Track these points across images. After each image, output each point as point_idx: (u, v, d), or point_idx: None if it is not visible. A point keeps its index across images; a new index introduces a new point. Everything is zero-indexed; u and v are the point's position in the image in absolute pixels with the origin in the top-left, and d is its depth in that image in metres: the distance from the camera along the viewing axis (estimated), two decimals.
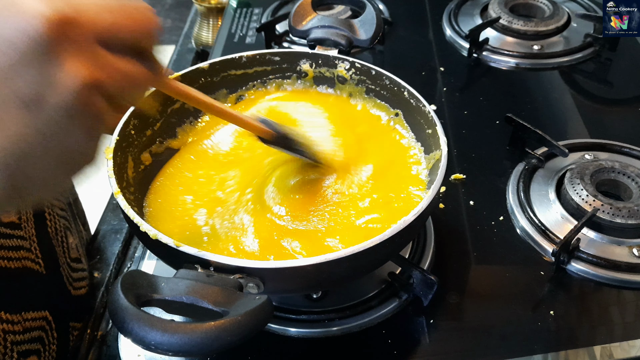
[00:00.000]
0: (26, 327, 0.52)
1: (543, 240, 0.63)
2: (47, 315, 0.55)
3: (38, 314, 0.54)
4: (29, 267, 0.53)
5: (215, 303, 0.38)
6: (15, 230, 0.52)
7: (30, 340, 0.52)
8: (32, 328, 0.53)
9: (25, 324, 0.52)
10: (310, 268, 0.42)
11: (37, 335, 0.53)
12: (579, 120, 0.82)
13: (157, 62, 0.36)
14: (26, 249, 0.53)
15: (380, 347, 0.55)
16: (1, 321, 0.48)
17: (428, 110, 0.57)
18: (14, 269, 0.51)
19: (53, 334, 0.56)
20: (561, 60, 0.93)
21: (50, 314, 0.56)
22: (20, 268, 0.52)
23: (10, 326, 0.49)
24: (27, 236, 0.54)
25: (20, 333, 0.51)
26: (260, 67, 0.67)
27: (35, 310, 0.54)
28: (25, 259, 0.53)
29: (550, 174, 0.71)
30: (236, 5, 1.11)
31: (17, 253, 0.51)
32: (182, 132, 0.64)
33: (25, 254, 0.53)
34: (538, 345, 0.55)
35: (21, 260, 0.52)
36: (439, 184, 0.49)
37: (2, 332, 0.48)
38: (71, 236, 0.66)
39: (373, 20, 0.67)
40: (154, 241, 0.43)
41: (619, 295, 0.59)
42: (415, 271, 0.56)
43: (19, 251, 0.52)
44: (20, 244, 0.52)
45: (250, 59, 0.66)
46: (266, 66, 0.67)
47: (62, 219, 0.64)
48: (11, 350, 0.49)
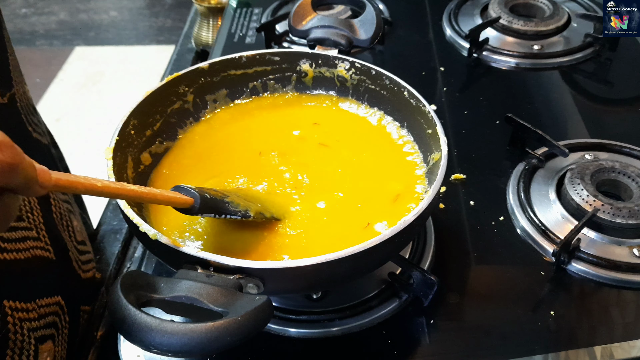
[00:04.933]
0: (41, 313, 0.52)
1: (543, 241, 0.63)
2: (59, 300, 0.56)
3: (51, 299, 0.55)
4: (39, 255, 0.54)
5: (215, 303, 0.38)
6: (19, 222, 0.52)
7: (46, 325, 0.53)
8: (46, 314, 0.53)
9: (40, 310, 0.52)
10: (310, 268, 0.42)
11: (52, 320, 0.54)
12: (579, 120, 0.82)
13: (27, 179, 0.31)
14: (33, 238, 0.54)
15: (381, 348, 0.55)
16: (17, 310, 0.49)
17: (428, 110, 0.57)
18: (24, 259, 0.51)
19: (65, 317, 0.57)
20: (561, 60, 0.93)
21: (62, 299, 0.56)
22: (30, 258, 0.52)
23: (26, 314, 0.50)
24: (32, 226, 0.54)
25: (35, 320, 0.51)
26: (260, 67, 0.67)
27: (48, 296, 0.54)
28: (35, 248, 0.53)
29: (551, 174, 0.71)
30: (236, 5, 1.11)
31: (24, 244, 0.52)
32: (182, 132, 0.64)
33: (34, 243, 0.53)
34: (538, 345, 0.55)
35: (30, 250, 0.52)
36: (439, 184, 0.49)
37: (18, 320, 0.49)
38: (75, 219, 0.66)
39: (373, 20, 0.67)
40: (154, 241, 0.43)
41: (620, 295, 0.59)
42: (416, 271, 0.56)
43: (26, 241, 0.52)
44: (26, 234, 0.53)
45: (250, 59, 0.66)
46: (266, 66, 0.67)
47: (65, 203, 0.64)
48: (28, 337, 0.50)
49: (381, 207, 0.55)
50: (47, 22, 2.84)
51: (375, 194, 0.57)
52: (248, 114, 0.67)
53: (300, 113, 0.67)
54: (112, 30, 2.80)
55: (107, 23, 2.85)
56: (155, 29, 2.80)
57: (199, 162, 0.61)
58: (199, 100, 0.65)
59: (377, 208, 0.55)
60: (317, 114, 0.67)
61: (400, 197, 0.56)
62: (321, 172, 0.59)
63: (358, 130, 0.65)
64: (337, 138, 0.63)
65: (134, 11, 2.94)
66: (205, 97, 0.66)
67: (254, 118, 0.67)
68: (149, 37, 2.76)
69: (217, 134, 0.65)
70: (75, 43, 2.71)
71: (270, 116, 0.67)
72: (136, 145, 0.58)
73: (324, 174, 0.59)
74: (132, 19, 2.89)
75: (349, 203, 0.56)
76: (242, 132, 0.65)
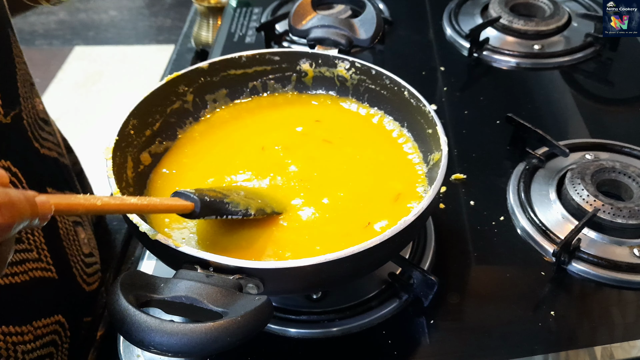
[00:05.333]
0: (37, 334, 0.52)
1: (544, 241, 0.63)
2: (60, 319, 0.55)
3: (50, 319, 0.54)
4: (39, 276, 0.53)
5: (215, 303, 0.38)
6: (18, 244, 0.51)
7: (43, 345, 0.52)
8: (44, 334, 0.53)
9: (37, 331, 0.52)
10: (310, 268, 0.42)
11: (50, 339, 0.53)
12: (580, 120, 0.82)
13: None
14: (33, 259, 0.53)
15: (381, 348, 0.55)
16: (11, 334, 0.48)
17: (428, 110, 0.57)
18: (21, 282, 0.50)
19: (67, 333, 0.56)
20: (562, 60, 0.92)
21: (63, 317, 0.56)
22: (29, 280, 0.51)
23: (21, 337, 0.49)
24: (32, 247, 0.53)
25: (31, 342, 0.50)
26: (260, 66, 0.67)
27: (47, 316, 0.54)
28: (35, 270, 0.53)
29: (551, 174, 0.71)
30: (236, 5, 1.11)
31: (22, 266, 0.51)
32: (182, 132, 0.64)
33: (33, 264, 0.53)
34: (539, 345, 0.54)
35: (28, 272, 0.52)
36: (439, 184, 0.49)
37: (11, 344, 0.48)
38: (83, 231, 0.66)
39: (373, 20, 0.67)
40: (154, 241, 0.43)
41: (620, 295, 0.59)
42: (416, 271, 0.56)
43: (25, 264, 0.51)
44: (25, 256, 0.52)
45: (250, 59, 0.66)
46: (266, 66, 0.67)
47: (70, 216, 0.64)
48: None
49: (382, 206, 0.55)
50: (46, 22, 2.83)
51: (375, 193, 0.57)
52: (248, 112, 0.67)
53: (301, 111, 0.67)
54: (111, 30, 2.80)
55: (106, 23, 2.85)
56: (155, 28, 2.80)
57: (199, 161, 0.61)
58: (198, 100, 0.65)
59: (377, 207, 0.55)
60: (318, 112, 0.67)
61: (401, 196, 0.56)
62: (326, 167, 0.59)
63: (359, 129, 0.65)
64: (340, 135, 0.63)
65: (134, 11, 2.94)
66: (205, 97, 0.66)
67: (254, 116, 0.67)
68: (149, 36, 2.76)
69: (217, 132, 0.65)
70: (74, 43, 2.71)
71: (271, 114, 0.67)
72: (136, 145, 0.58)
73: (328, 170, 0.59)
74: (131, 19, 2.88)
75: (351, 201, 0.56)
76: (243, 130, 0.65)
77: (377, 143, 0.63)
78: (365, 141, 0.63)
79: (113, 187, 0.48)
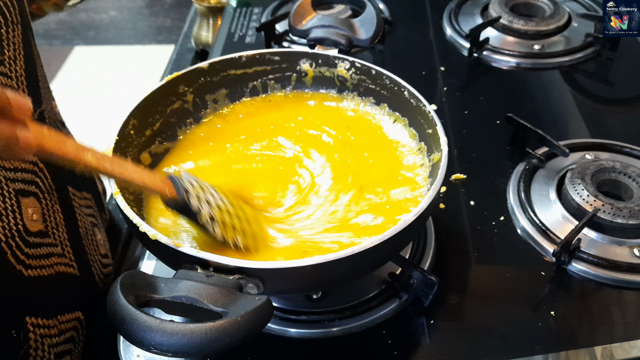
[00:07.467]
0: (61, 329, 0.53)
1: (544, 241, 0.63)
2: (79, 316, 0.56)
3: (72, 315, 0.55)
4: (62, 271, 0.54)
5: (215, 303, 0.38)
6: (44, 238, 0.52)
7: (65, 341, 0.53)
8: (66, 330, 0.54)
9: (61, 326, 0.53)
10: (310, 268, 0.42)
11: (70, 335, 0.54)
12: (580, 120, 0.82)
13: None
14: (58, 254, 0.54)
15: (381, 348, 0.55)
16: (39, 327, 0.49)
17: (428, 110, 0.57)
18: (47, 275, 0.51)
19: (83, 332, 0.57)
20: (562, 60, 0.92)
21: (82, 314, 0.57)
22: (54, 274, 0.52)
23: (47, 330, 0.50)
24: (57, 242, 0.54)
25: (56, 336, 0.51)
26: (260, 66, 0.67)
27: (69, 312, 0.55)
28: (59, 265, 0.53)
29: (551, 174, 0.71)
30: (236, 5, 1.11)
31: (49, 260, 0.52)
32: (182, 132, 0.64)
33: (58, 259, 0.53)
34: (539, 345, 0.54)
35: (54, 267, 0.52)
36: (439, 184, 0.49)
37: (40, 336, 0.49)
38: (99, 232, 0.66)
39: (373, 20, 0.67)
40: (154, 241, 0.43)
41: (620, 295, 0.59)
42: (416, 271, 0.56)
43: (50, 258, 0.52)
44: (51, 250, 0.52)
45: (250, 59, 0.66)
46: (266, 66, 0.67)
47: (89, 217, 0.64)
48: (49, 353, 0.50)
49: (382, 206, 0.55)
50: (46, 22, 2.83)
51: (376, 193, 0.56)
52: (249, 113, 0.67)
53: (301, 111, 0.67)
54: (111, 30, 2.80)
55: (106, 23, 2.85)
56: (155, 28, 2.80)
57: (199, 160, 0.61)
58: (198, 100, 0.65)
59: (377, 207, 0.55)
60: (318, 112, 0.67)
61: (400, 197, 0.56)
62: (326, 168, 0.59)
63: (359, 128, 0.65)
64: (340, 135, 0.63)
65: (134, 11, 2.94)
66: (205, 97, 0.66)
67: (255, 116, 0.67)
68: (149, 36, 2.76)
69: (218, 131, 0.65)
70: (74, 43, 2.71)
71: (271, 114, 0.67)
72: (136, 145, 0.58)
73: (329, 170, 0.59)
74: (131, 19, 2.88)
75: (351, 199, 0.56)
76: (244, 129, 0.65)
77: (378, 142, 0.63)
78: (366, 140, 0.63)
79: (113, 187, 0.48)
